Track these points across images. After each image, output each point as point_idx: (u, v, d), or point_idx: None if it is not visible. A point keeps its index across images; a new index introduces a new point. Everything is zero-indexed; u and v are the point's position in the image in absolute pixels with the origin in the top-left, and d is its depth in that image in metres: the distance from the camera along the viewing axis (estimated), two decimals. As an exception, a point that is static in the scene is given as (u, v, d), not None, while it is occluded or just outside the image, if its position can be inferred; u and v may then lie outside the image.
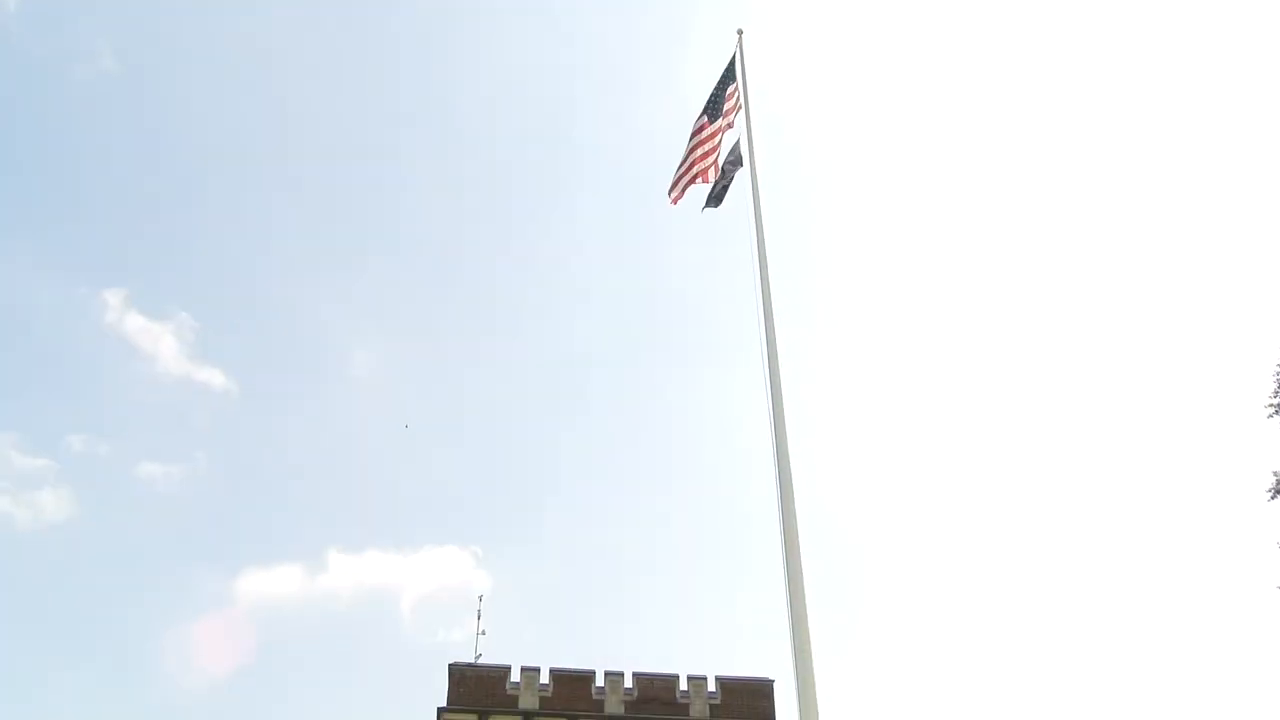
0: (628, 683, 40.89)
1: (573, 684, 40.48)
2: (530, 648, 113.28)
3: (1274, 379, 23.31)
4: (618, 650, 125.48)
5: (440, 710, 39.68)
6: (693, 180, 21.05)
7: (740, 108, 20.85)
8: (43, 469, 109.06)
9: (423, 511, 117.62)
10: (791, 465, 17.84)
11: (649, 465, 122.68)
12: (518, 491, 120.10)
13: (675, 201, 21.16)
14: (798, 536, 17.12)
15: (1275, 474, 23.28)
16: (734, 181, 20.58)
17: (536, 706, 39.70)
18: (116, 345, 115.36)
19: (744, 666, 42.33)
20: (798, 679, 16.96)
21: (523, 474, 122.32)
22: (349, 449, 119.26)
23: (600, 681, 40.71)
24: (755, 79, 21.25)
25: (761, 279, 18.84)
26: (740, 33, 21.41)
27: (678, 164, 21.25)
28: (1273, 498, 23.12)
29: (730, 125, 21.01)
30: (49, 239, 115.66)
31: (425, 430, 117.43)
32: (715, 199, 20.85)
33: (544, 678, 40.47)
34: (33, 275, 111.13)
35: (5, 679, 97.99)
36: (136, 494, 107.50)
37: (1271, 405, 23.21)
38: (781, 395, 19.05)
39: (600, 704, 40.17)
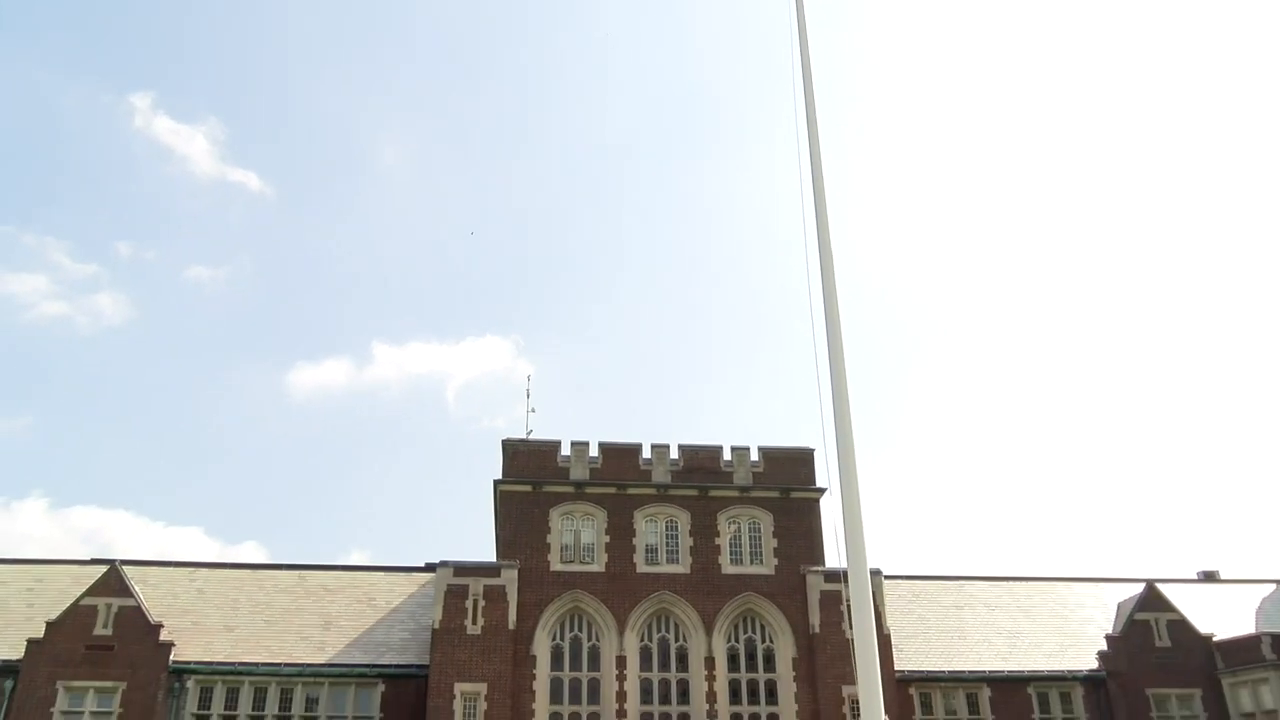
0: (673, 454, 42.44)
1: (621, 456, 42.12)
2: (576, 426, 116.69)
3: None
4: (662, 427, 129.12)
5: (496, 483, 41.62)
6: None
7: None
8: (95, 275, 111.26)
9: (462, 304, 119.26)
10: (831, 237, 17.84)
11: (687, 251, 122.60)
12: (556, 281, 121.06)
13: None
14: (837, 305, 17.31)
15: None
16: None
17: (587, 477, 41.48)
18: (148, 149, 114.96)
19: (784, 440, 43.55)
20: (838, 444, 17.55)
21: (561, 264, 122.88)
22: (386, 245, 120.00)
23: (647, 453, 42.28)
24: None
25: (801, 52, 18.25)
26: None
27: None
28: None
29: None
30: (71, 44, 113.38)
31: (460, 224, 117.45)
32: None
33: (593, 450, 42.10)
34: (57, 82, 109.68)
35: (88, 482, 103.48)
36: (187, 297, 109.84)
37: None
38: (821, 169, 18.83)
39: (647, 474, 41.87)
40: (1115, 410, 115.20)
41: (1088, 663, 42.32)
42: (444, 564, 39.36)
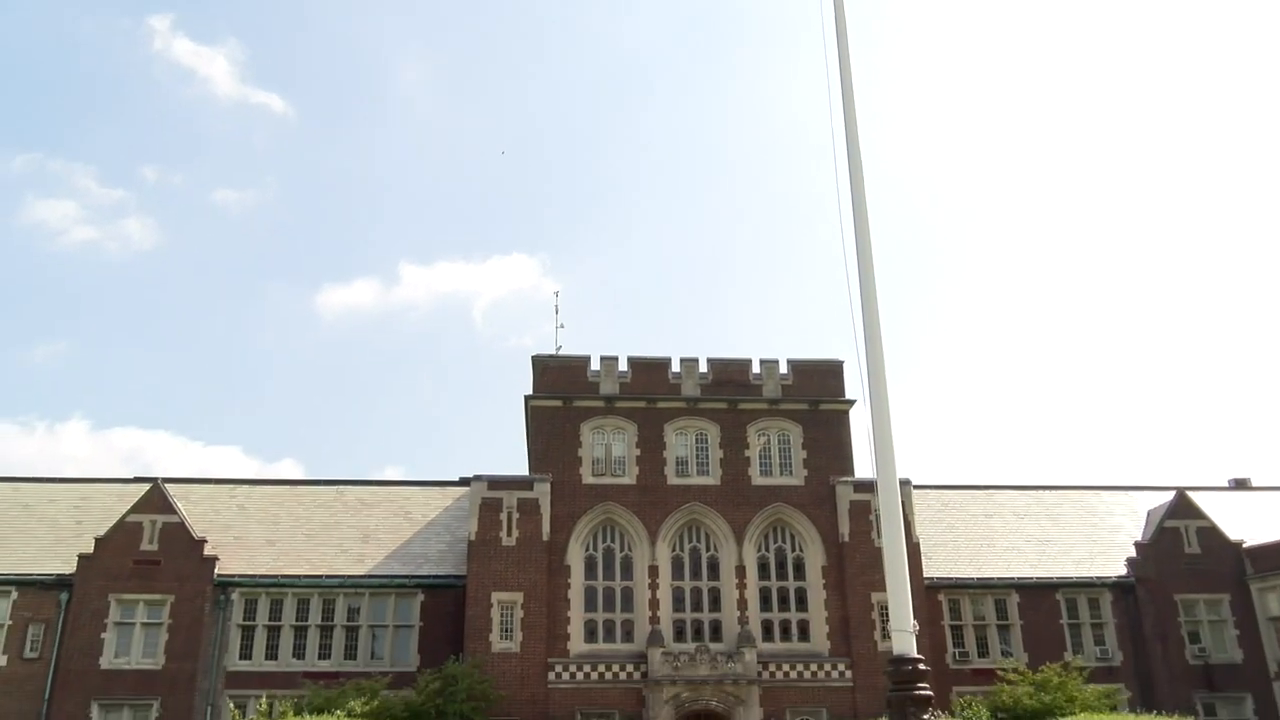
0: (702, 367, 42.59)
1: (650, 370, 42.33)
2: (605, 342, 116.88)
3: None
4: (692, 341, 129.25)
5: (527, 398, 42.02)
6: None
7: None
8: (123, 200, 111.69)
9: (487, 223, 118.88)
10: (861, 144, 17.63)
11: (713, 162, 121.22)
12: (581, 198, 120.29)
13: None
14: (867, 215, 17.20)
15: None
16: None
17: (616, 392, 41.79)
18: (169, 72, 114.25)
19: (813, 353, 43.56)
20: (868, 355, 17.59)
21: (586, 181, 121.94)
22: (409, 166, 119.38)
23: (676, 367, 42.46)
24: None
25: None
26: None
27: None
28: None
29: None
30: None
31: (482, 142, 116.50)
32: None
33: (622, 365, 42.32)
34: (75, 7, 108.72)
35: (127, 404, 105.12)
36: (214, 220, 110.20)
37: None
38: (850, 75, 18.51)
39: (677, 388, 42.11)
40: (1147, 317, 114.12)
41: (1116, 570, 42.66)
42: (478, 478, 40.01)
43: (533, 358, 42.38)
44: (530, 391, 41.91)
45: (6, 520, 41.80)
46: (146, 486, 40.83)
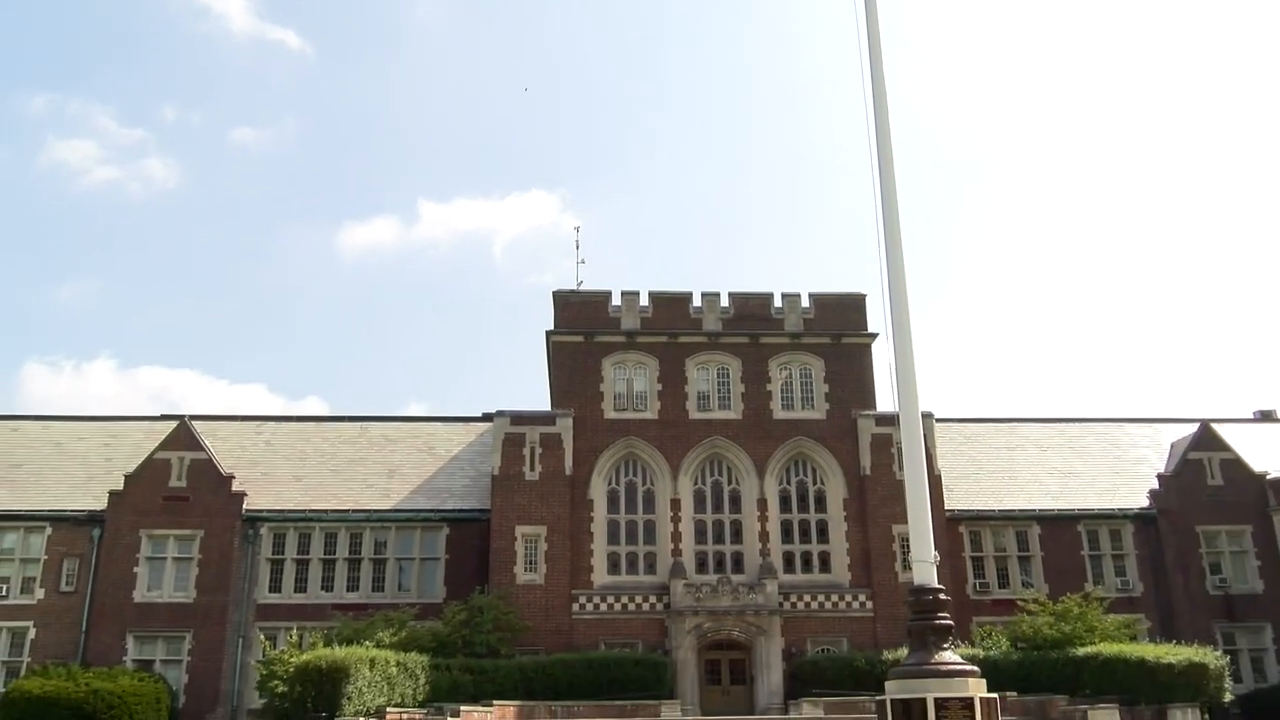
0: (724, 301, 42.46)
1: (671, 305, 42.25)
2: (626, 277, 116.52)
3: None
4: (712, 275, 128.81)
5: (549, 334, 42.08)
6: None
7: None
8: (142, 140, 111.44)
9: (506, 159, 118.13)
10: (885, 76, 17.36)
11: (733, 96, 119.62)
12: (600, 134, 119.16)
13: None
14: (890, 147, 16.99)
15: None
16: None
17: (638, 327, 41.77)
18: (183, 7, 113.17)
19: (835, 287, 43.30)
20: (890, 288, 17.49)
21: (604, 115, 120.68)
22: (426, 103, 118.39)
23: (697, 301, 42.35)
24: None
25: None
26: None
27: None
28: None
29: None
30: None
31: (499, 78, 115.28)
32: None
33: (643, 300, 42.24)
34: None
35: (153, 343, 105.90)
36: (234, 159, 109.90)
37: None
38: (875, 2, 18.16)
39: (698, 322, 42.04)
40: (1171, 247, 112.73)
41: (1139, 501, 42.67)
42: (501, 414, 40.26)
43: (554, 293, 42.39)
44: (551, 327, 41.96)
45: (38, 458, 42.50)
46: (174, 424, 41.34)
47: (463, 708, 30.60)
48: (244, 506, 39.42)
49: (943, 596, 16.55)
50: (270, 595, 38.78)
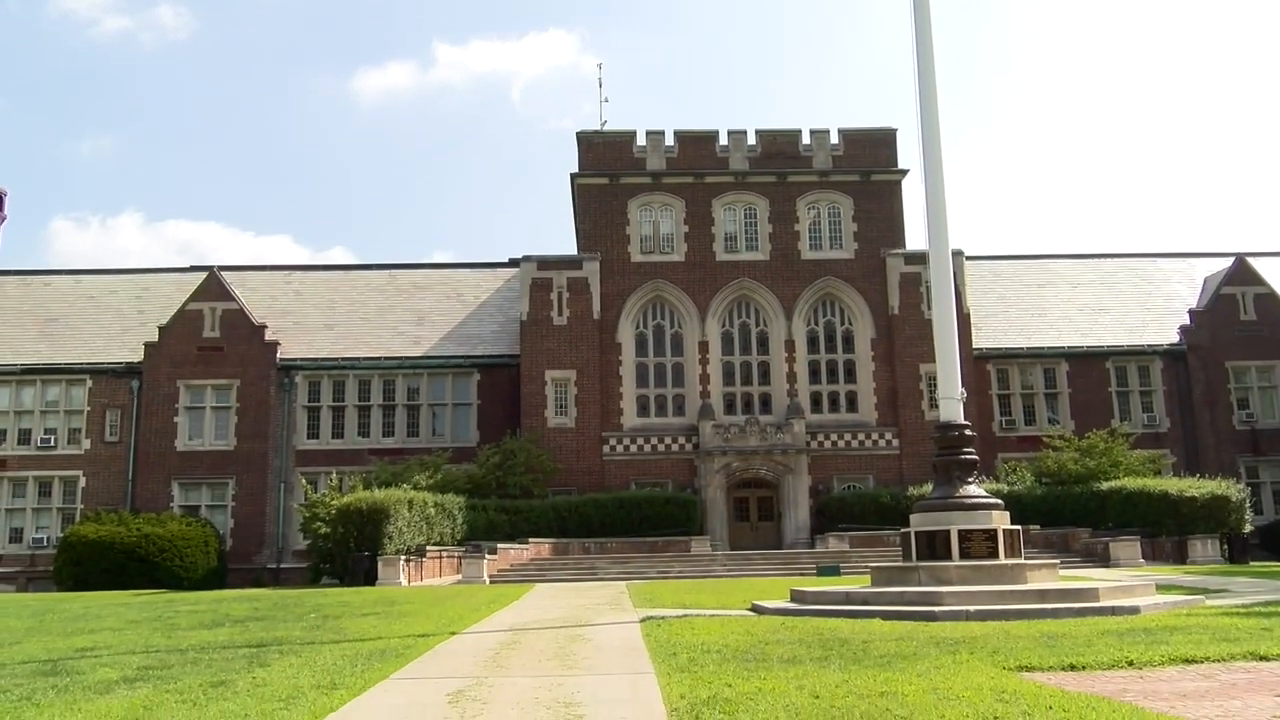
0: (751, 140, 41.58)
1: (697, 144, 41.42)
2: (651, 118, 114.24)
3: None
4: (740, 114, 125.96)
5: (573, 176, 41.53)
6: None
7: None
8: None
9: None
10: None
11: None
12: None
13: None
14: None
15: None
16: None
17: (663, 167, 41.10)
18: None
19: (865, 122, 42.12)
20: (922, 122, 16.99)
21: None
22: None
23: (724, 140, 41.49)
24: None
25: None
26: None
27: None
28: None
29: None
30: None
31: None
32: None
33: (669, 139, 41.43)
34: None
35: (177, 196, 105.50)
36: (244, 5, 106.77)
37: None
38: None
39: (725, 161, 41.29)
40: (1209, 78, 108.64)
41: (1169, 337, 42.37)
42: (527, 259, 40.16)
43: (577, 134, 41.63)
44: (576, 170, 41.37)
45: (73, 312, 43.06)
46: (203, 275, 41.58)
47: (499, 545, 31.64)
48: (278, 355, 39.98)
49: (968, 432, 16.66)
50: (309, 442, 39.71)
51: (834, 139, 41.62)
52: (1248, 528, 33.00)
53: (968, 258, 41.29)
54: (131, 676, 9.16)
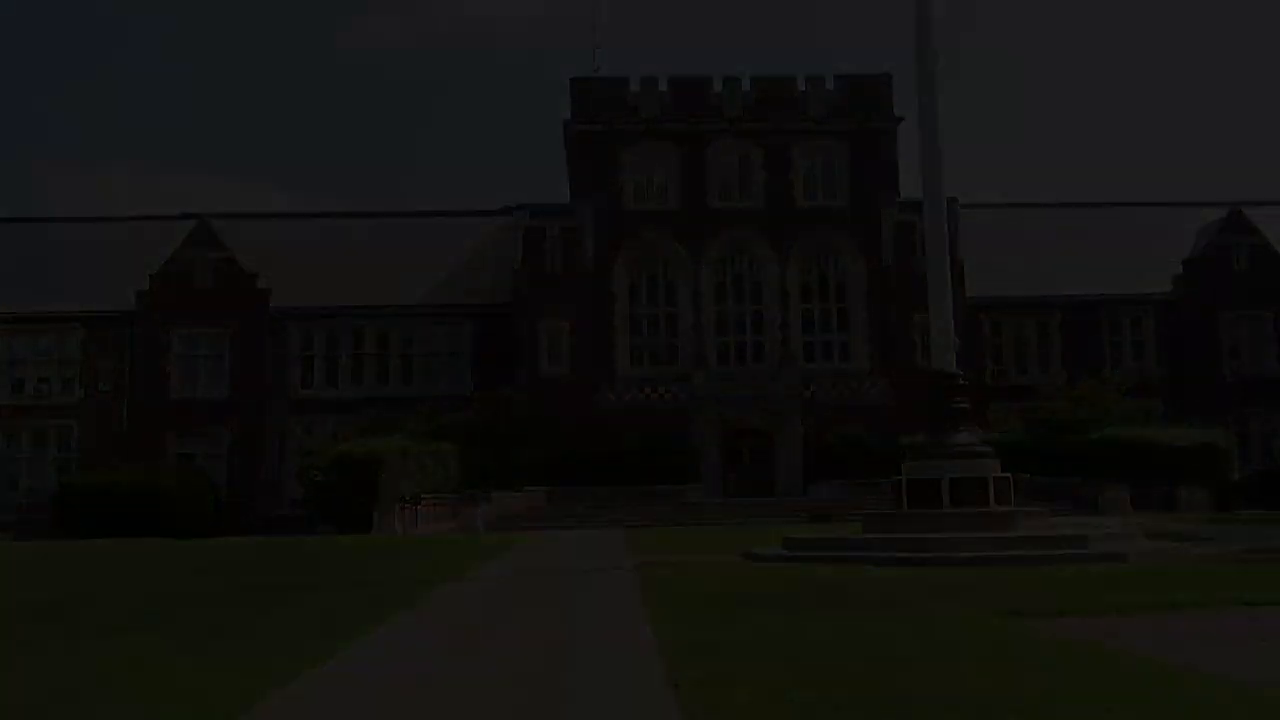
0: (745, 85, 41.22)
1: (691, 90, 41.02)
2: (646, 66, 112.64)
3: None
4: (734, 57, 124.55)
5: (566, 123, 41.19)
6: None
7: None
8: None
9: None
10: None
11: None
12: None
13: None
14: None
15: None
16: None
17: (657, 114, 40.76)
18: None
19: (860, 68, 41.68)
20: (918, 68, 16.86)
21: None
22: None
23: (718, 86, 41.10)
24: None
25: None
26: None
27: None
28: None
29: None
30: None
31: None
32: None
33: (663, 85, 41.05)
34: None
35: (157, 148, 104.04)
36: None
37: None
38: None
39: (719, 109, 40.95)
40: (1207, 25, 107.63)
41: (1162, 287, 42.37)
42: (520, 207, 40.00)
43: (571, 80, 41.22)
44: (569, 118, 41.02)
45: (63, 260, 42.74)
46: (193, 223, 41.30)
47: (494, 493, 31.86)
48: (270, 303, 39.86)
49: (961, 381, 16.74)
50: (303, 390, 39.77)
51: (830, 85, 41.22)
52: (1235, 476, 33.33)
53: (963, 206, 41.11)
54: (130, 625, 9.25)
